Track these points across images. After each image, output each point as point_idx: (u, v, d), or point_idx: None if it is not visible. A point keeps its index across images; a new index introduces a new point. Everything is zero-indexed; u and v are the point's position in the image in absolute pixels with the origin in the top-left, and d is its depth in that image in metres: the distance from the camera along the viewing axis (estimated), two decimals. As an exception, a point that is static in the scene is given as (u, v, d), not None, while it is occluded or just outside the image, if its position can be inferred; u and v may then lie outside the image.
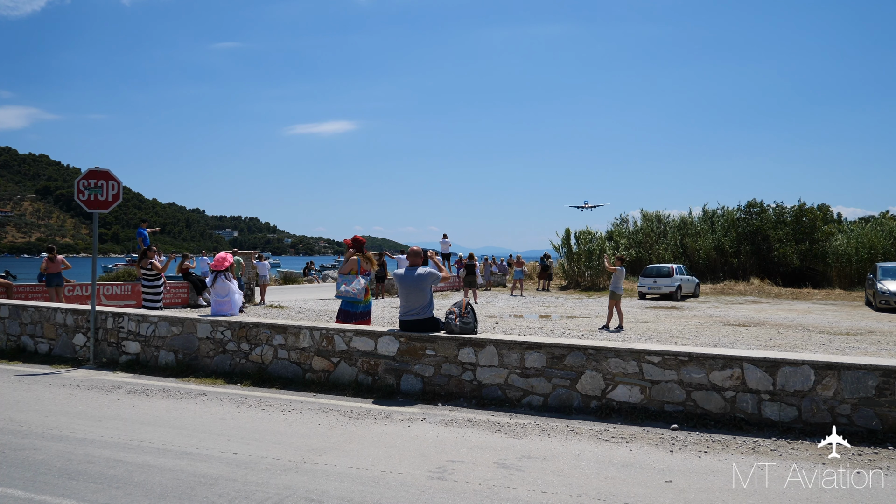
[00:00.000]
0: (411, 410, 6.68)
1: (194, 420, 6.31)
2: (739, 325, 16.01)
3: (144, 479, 4.61)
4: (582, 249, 33.87)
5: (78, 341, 9.70)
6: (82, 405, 6.91)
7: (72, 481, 4.58)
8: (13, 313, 10.36)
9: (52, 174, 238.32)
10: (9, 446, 5.38)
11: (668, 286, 25.97)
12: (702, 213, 42.17)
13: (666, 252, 38.48)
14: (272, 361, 8.12)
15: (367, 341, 7.62)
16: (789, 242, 37.13)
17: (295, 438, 5.68)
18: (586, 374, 6.58)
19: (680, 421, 6.09)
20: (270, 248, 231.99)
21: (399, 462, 5.03)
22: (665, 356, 6.30)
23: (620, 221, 44.75)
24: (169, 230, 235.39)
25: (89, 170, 9.83)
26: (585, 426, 6.08)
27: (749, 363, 6.02)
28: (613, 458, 5.17)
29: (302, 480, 4.62)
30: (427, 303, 7.59)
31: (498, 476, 4.73)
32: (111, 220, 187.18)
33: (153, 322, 9.04)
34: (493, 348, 6.98)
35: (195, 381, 8.14)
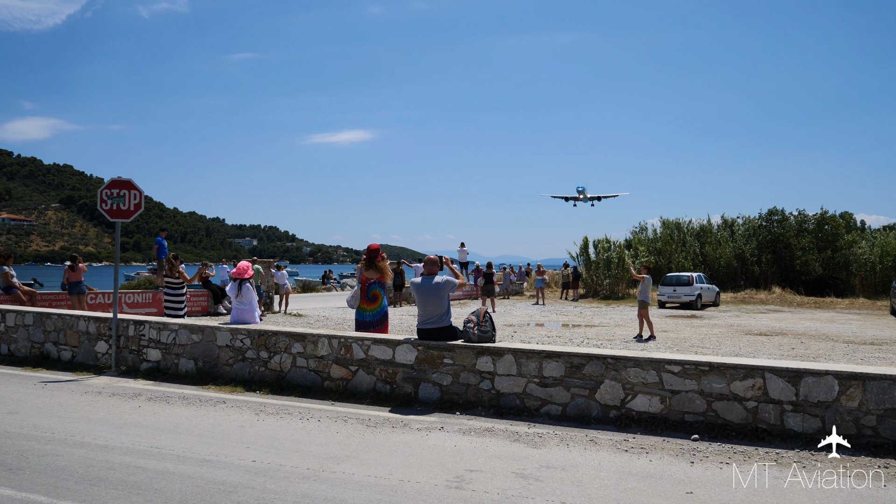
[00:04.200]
0: (429, 419, 6.67)
1: (214, 427, 6.35)
2: (761, 335, 15.82)
3: (164, 486, 4.65)
4: (600, 258, 33.68)
5: (100, 349, 9.81)
6: (104, 412, 6.99)
7: (93, 487, 4.63)
8: (37, 321, 10.50)
9: (76, 184, 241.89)
10: (32, 452, 5.45)
11: (687, 295, 25.74)
12: (721, 220, 41.83)
13: (686, 260, 38.17)
14: (291, 369, 8.16)
15: (385, 350, 7.63)
16: (811, 250, 36.70)
17: (313, 446, 5.69)
18: (605, 383, 6.53)
19: (701, 431, 6.02)
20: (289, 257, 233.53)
21: (417, 471, 5.02)
22: (685, 366, 6.24)
23: (640, 229, 44.48)
24: (189, 238, 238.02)
25: (112, 179, 9.96)
26: (605, 436, 6.03)
27: (771, 373, 5.94)
28: (633, 468, 5.13)
29: (320, 489, 4.62)
30: (444, 311, 7.59)
31: (516, 486, 4.70)
32: (133, 228, 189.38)
33: (174, 330, 9.12)
34: (512, 357, 6.95)
35: (215, 388, 8.19)
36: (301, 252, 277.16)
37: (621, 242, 35.84)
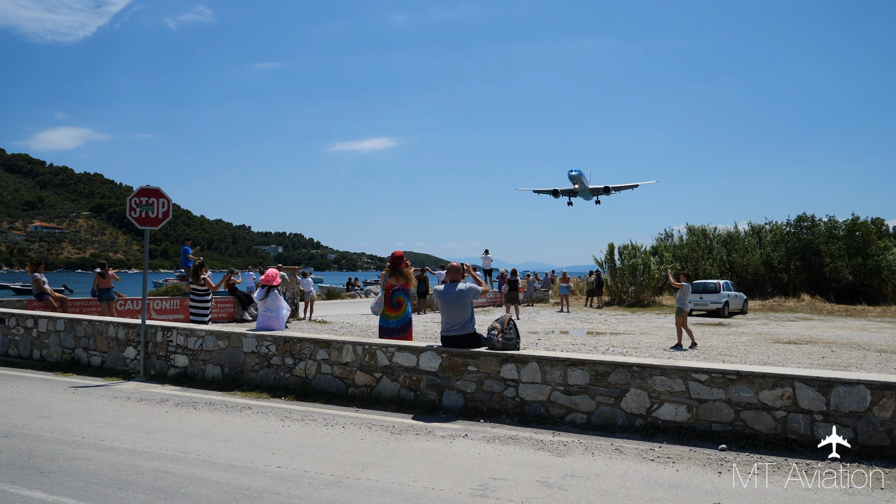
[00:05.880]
0: (453, 427, 6.66)
1: (239, 433, 6.40)
2: (790, 343, 15.56)
3: (191, 491, 4.70)
4: (625, 265, 33.36)
5: (129, 354, 9.95)
6: (132, 417, 7.08)
7: (122, 491, 4.69)
8: (68, 327, 10.70)
9: (106, 192, 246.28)
10: (63, 456, 5.54)
11: (714, 302, 25.43)
12: (748, 227, 41.27)
13: (712, 267, 37.69)
14: (315, 376, 8.20)
15: (409, 357, 7.64)
16: (842, 257, 36.00)
17: (338, 453, 5.71)
18: (631, 391, 6.47)
19: (728, 441, 5.94)
20: (314, 264, 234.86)
21: (441, 478, 5.02)
22: (712, 374, 6.16)
23: (665, 236, 44.06)
24: (216, 246, 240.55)
25: (141, 188, 10.11)
26: (630, 445, 5.97)
27: (801, 382, 5.84)
28: (660, 478, 5.07)
29: (345, 495, 4.64)
30: (468, 318, 7.58)
31: (541, 495, 4.67)
32: (161, 236, 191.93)
33: (200, 336, 9.23)
34: (536, 365, 6.92)
35: (240, 394, 8.27)
36: (326, 259, 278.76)
37: (647, 249, 35.50)
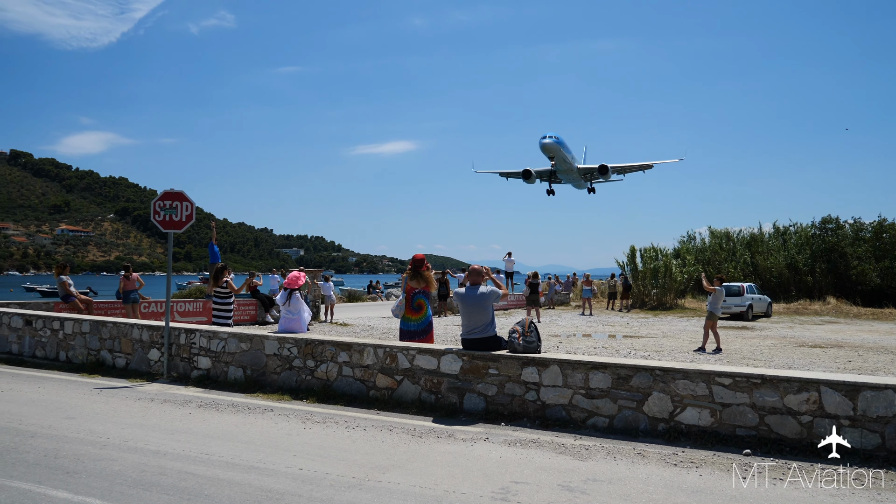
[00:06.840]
0: (474, 430, 6.65)
1: (261, 435, 6.45)
2: (815, 347, 15.34)
3: (214, 492, 4.73)
4: (647, 268, 33.09)
5: (153, 356, 10.07)
6: (156, 418, 7.16)
7: (146, 492, 4.74)
8: (94, 329, 10.85)
9: (131, 195, 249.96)
10: (88, 457, 5.62)
11: (738, 305, 25.16)
12: (772, 229, 40.75)
13: (735, 270, 37.26)
14: (337, 378, 8.23)
15: (430, 359, 7.65)
16: (868, 260, 35.41)
17: (359, 455, 5.73)
18: (653, 395, 6.42)
19: (752, 446, 5.86)
20: (335, 267, 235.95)
21: (462, 482, 5.01)
22: (736, 378, 6.08)
23: (687, 238, 43.64)
24: (238, 249, 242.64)
25: (165, 191, 10.23)
26: (653, 449, 5.92)
27: (827, 386, 5.75)
28: (683, 483, 5.02)
29: (366, 498, 4.65)
30: (489, 321, 7.57)
31: (562, 499, 4.65)
32: (184, 239, 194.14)
33: (223, 338, 9.31)
34: (557, 368, 6.89)
35: (262, 396, 8.32)
36: (347, 262, 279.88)
37: (669, 251, 35.18)
